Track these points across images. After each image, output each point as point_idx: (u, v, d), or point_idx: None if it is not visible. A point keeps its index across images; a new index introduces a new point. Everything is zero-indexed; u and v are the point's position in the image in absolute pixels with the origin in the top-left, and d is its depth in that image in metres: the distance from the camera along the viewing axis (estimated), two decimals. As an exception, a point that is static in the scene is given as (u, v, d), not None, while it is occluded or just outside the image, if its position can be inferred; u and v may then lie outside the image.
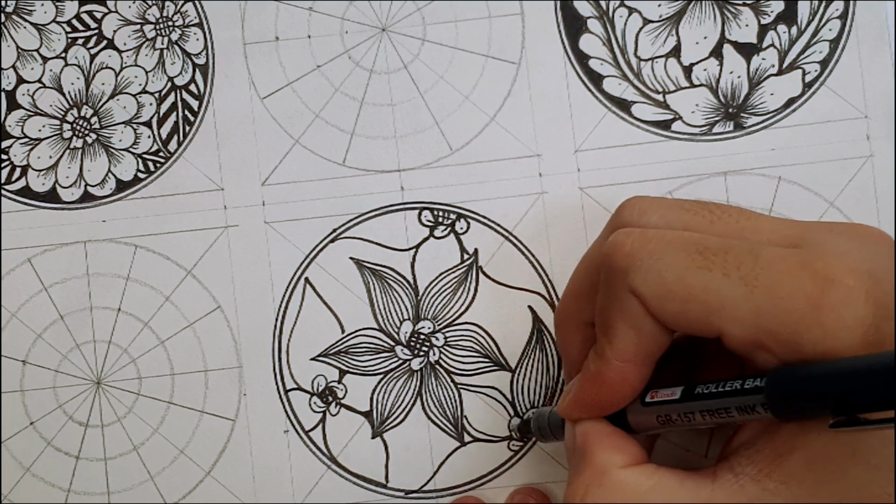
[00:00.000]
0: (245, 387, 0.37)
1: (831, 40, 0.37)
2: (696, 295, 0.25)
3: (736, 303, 0.24)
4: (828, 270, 0.24)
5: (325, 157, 0.38)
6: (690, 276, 0.25)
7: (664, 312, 0.26)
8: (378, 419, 0.37)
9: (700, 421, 0.27)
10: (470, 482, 0.37)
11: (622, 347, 0.27)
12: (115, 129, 0.38)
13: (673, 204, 0.29)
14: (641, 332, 0.26)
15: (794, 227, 0.27)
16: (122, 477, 0.37)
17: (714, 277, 0.25)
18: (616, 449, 0.28)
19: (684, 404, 0.27)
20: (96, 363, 0.37)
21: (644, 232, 0.26)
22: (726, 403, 0.26)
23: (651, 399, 0.28)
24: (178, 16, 0.38)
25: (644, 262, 0.26)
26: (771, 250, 0.25)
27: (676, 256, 0.25)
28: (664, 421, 0.28)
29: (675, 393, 0.27)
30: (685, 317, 0.25)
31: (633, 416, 0.29)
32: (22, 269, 0.38)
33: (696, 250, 0.25)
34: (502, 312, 0.37)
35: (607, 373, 0.28)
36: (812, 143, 0.37)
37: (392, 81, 0.38)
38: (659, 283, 0.25)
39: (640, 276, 0.26)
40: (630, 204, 0.29)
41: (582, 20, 0.38)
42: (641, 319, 0.26)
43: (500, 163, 0.37)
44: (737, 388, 0.25)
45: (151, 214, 0.38)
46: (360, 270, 0.38)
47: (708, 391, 0.26)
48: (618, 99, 0.38)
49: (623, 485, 0.27)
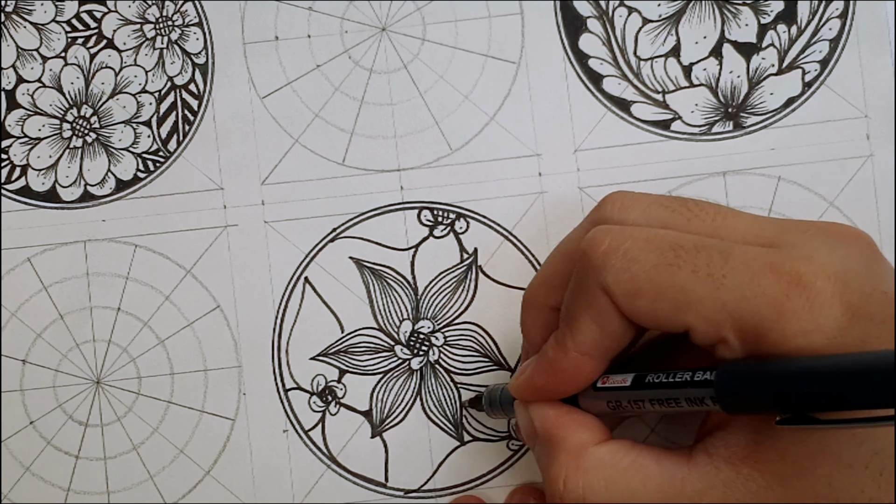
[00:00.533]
0: (245, 386, 0.37)
1: (831, 40, 0.37)
2: (665, 292, 0.25)
3: (702, 299, 0.25)
4: (796, 272, 0.24)
5: (324, 157, 0.38)
6: (660, 273, 0.25)
7: (634, 310, 0.26)
8: (378, 418, 0.37)
9: (650, 409, 0.27)
10: (469, 482, 0.37)
11: (583, 340, 0.27)
12: (114, 128, 0.38)
13: (654, 201, 0.29)
14: (605, 329, 0.27)
15: (770, 226, 0.27)
16: (121, 476, 0.37)
17: (682, 274, 0.25)
18: (583, 427, 0.28)
19: (634, 392, 0.27)
20: (96, 363, 0.37)
21: (622, 230, 0.27)
22: (675, 394, 0.26)
23: (602, 384, 0.28)
24: (178, 15, 0.38)
25: (618, 260, 0.26)
26: (742, 250, 0.25)
27: (649, 255, 0.26)
28: (615, 406, 0.28)
29: (627, 380, 0.27)
30: (654, 314, 0.26)
31: (584, 399, 0.29)
32: (22, 268, 0.38)
33: (670, 248, 0.26)
34: (502, 312, 0.37)
35: (564, 362, 0.28)
36: (812, 143, 0.37)
37: (392, 81, 0.38)
38: (630, 281, 0.26)
39: (612, 274, 0.26)
40: (612, 199, 0.29)
41: (582, 20, 0.38)
42: (608, 316, 0.27)
43: (500, 162, 0.37)
44: (686, 380, 0.26)
45: (151, 214, 0.38)
46: (360, 270, 0.38)
47: (658, 381, 0.26)
48: (617, 99, 0.38)
49: (601, 463, 0.27)
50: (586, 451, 0.28)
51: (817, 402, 0.22)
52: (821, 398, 0.22)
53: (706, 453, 0.26)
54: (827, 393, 0.22)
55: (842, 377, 0.21)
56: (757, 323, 0.24)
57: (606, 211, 0.29)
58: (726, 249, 0.25)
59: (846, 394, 0.21)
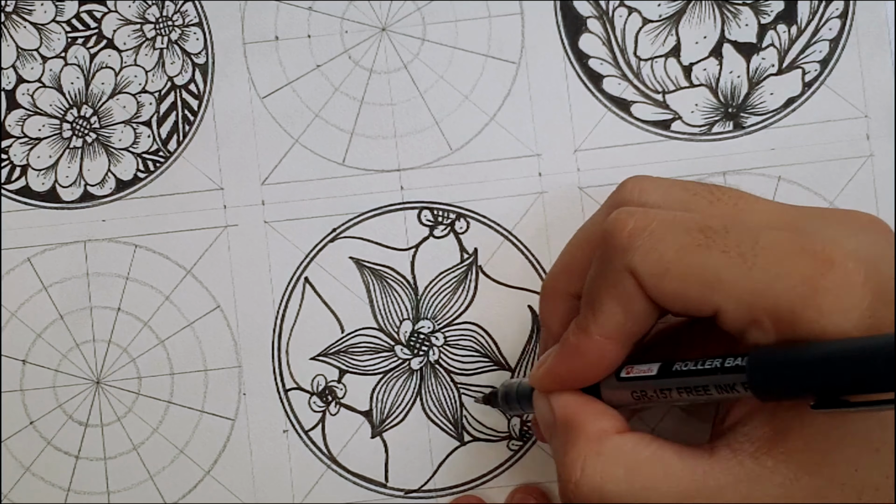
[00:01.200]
0: (245, 386, 0.37)
1: (831, 40, 0.37)
2: (695, 272, 0.25)
3: (734, 280, 0.24)
4: (828, 253, 0.24)
5: (324, 157, 0.38)
6: (690, 254, 0.25)
7: (662, 291, 0.26)
8: (378, 419, 0.37)
9: (677, 398, 0.27)
10: (470, 482, 0.37)
11: (606, 324, 0.27)
12: (114, 128, 0.38)
13: (674, 184, 0.29)
14: (629, 312, 0.26)
15: (792, 211, 0.27)
16: (121, 476, 0.37)
17: (713, 255, 0.25)
18: (604, 416, 0.28)
19: (661, 381, 0.27)
20: (96, 363, 0.37)
21: (646, 212, 0.26)
22: (705, 381, 0.25)
23: (626, 374, 0.28)
24: (178, 15, 0.38)
25: (645, 241, 0.26)
26: (771, 232, 0.25)
27: (677, 236, 0.25)
28: (640, 397, 0.27)
29: (652, 369, 0.27)
30: (684, 295, 0.25)
31: (607, 390, 0.28)
32: (22, 268, 0.38)
33: (697, 229, 0.25)
34: (502, 312, 0.37)
35: (587, 347, 0.27)
36: (812, 143, 0.37)
37: (392, 81, 0.38)
38: (658, 262, 0.25)
39: (639, 255, 0.26)
40: (631, 183, 0.29)
41: (582, 20, 0.38)
42: (633, 298, 0.26)
43: (500, 162, 0.37)
44: (717, 367, 0.25)
45: (151, 214, 0.38)
46: (360, 270, 0.38)
47: (686, 368, 0.26)
48: (617, 99, 0.38)
49: (622, 451, 0.26)
50: (608, 437, 0.27)
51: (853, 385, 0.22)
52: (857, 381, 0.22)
53: (729, 448, 0.25)
54: (863, 375, 0.21)
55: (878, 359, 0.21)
56: (791, 301, 0.24)
57: (626, 195, 0.29)
58: (755, 231, 0.25)
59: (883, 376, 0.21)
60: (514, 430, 0.37)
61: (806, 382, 0.23)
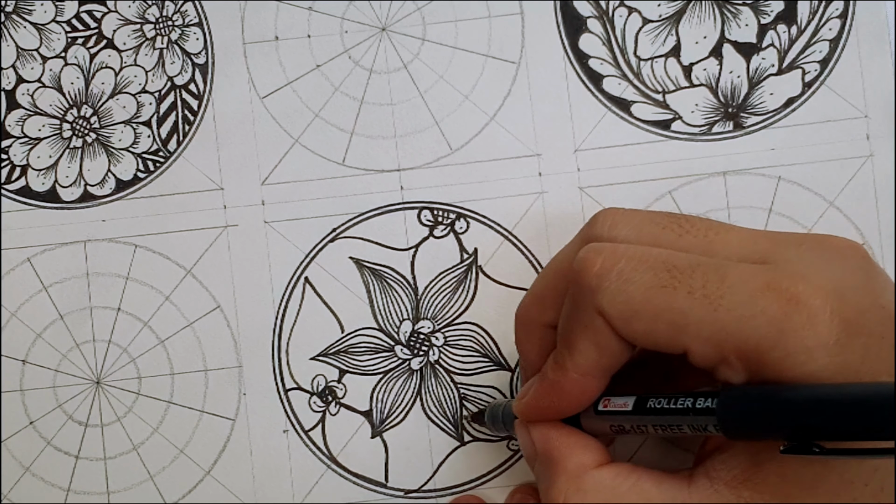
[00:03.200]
0: (245, 386, 0.37)
1: (831, 40, 0.37)
2: (662, 315, 0.25)
3: (700, 321, 0.24)
4: (793, 291, 0.24)
5: (324, 157, 0.38)
6: (656, 295, 0.25)
7: (631, 331, 0.26)
8: (378, 419, 0.37)
9: (653, 433, 0.27)
10: (470, 482, 0.37)
11: (582, 362, 0.27)
12: (114, 128, 0.38)
13: (644, 217, 0.28)
14: (603, 350, 0.27)
15: (763, 240, 0.27)
16: (121, 476, 0.37)
17: (678, 296, 0.25)
18: (584, 449, 0.28)
19: (636, 416, 0.27)
20: (96, 363, 0.37)
21: (615, 249, 0.26)
22: (678, 421, 0.26)
23: (604, 408, 0.28)
24: (178, 15, 0.38)
25: (613, 282, 0.26)
26: (738, 269, 0.25)
27: (644, 276, 0.25)
28: (618, 430, 0.28)
29: (628, 404, 0.27)
30: (652, 335, 0.25)
31: (587, 420, 0.29)
32: (22, 268, 0.38)
33: (664, 268, 0.25)
34: (502, 312, 0.37)
35: (565, 383, 0.28)
36: (812, 143, 0.37)
37: (392, 81, 0.38)
38: (626, 304, 0.25)
39: (607, 296, 0.26)
40: (602, 216, 0.29)
41: (582, 20, 0.38)
42: (605, 338, 0.26)
43: (500, 162, 0.37)
44: (688, 407, 0.25)
45: (151, 214, 0.38)
46: (360, 270, 0.38)
47: (660, 406, 0.26)
48: (617, 98, 0.38)
49: (602, 485, 0.27)
50: (587, 473, 0.27)
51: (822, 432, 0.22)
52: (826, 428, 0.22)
53: (707, 476, 0.26)
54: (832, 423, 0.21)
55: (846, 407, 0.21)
56: (757, 342, 0.24)
57: (597, 228, 0.29)
58: (722, 268, 0.25)
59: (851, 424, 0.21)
60: (514, 430, 0.37)
61: (776, 426, 0.23)
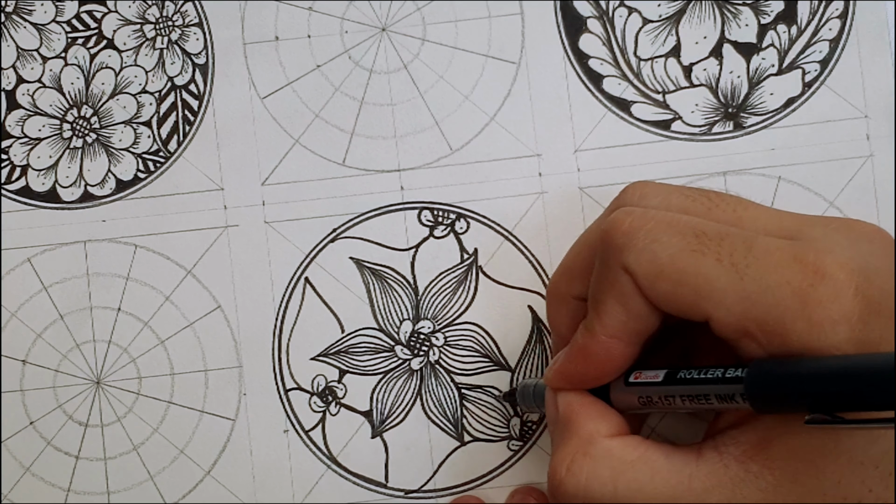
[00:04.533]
0: (245, 386, 0.37)
1: (831, 40, 0.37)
2: (687, 278, 0.25)
3: (725, 289, 0.25)
4: (819, 264, 0.24)
5: (324, 157, 0.38)
6: (683, 258, 0.25)
7: (655, 293, 0.26)
8: (378, 419, 0.37)
9: (680, 405, 0.27)
10: (470, 482, 0.37)
11: (610, 323, 0.27)
12: (114, 128, 0.38)
13: (674, 189, 0.29)
14: (630, 311, 0.27)
15: (791, 219, 0.27)
16: (122, 477, 0.37)
17: (706, 262, 0.25)
18: (601, 418, 0.28)
19: (666, 387, 0.27)
20: (96, 363, 0.37)
21: (644, 212, 0.27)
22: (706, 391, 0.26)
23: (634, 380, 0.28)
24: (178, 15, 0.38)
25: (640, 241, 0.26)
26: (765, 240, 0.25)
27: (672, 238, 0.26)
28: (645, 402, 0.28)
29: (659, 376, 0.28)
30: (675, 299, 0.26)
31: (616, 394, 0.29)
32: (22, 268, 0.38)
33: (693, 234, 0.26)
34: (502, 312, 0.37)
35: (593, 347, 0.28)
36: (812, 143, 0.37)
37: (392, 81, 0.38)
38: (652, 262, 0.26)
39: (634, 254, 0.26)
40: (632, 188, 0.29)
41: (582, 20, 0.38)
42: (632, 297, 0.26)
43: (500, 163, 0.37)
44: (717, 377, 0.25)
45: (151, 214, 0.38)
46: (360, 270, 0.38)
47: (690, 377, 0.26)
48: (618, 99, 0.38)
49: (609, 454, 0.27)
50: (598, 440, 0.27)
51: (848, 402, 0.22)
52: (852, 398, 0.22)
53: (716, 450, 0.26)
54: (858, 393, 0.22)
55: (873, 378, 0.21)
56: (781, 313, 0.24)
57: (627, 198, 0.29)
58: (749, 239, 0.25)
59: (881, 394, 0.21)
60: (514, 430, 0.37)
61: (802, 397, 0.23)
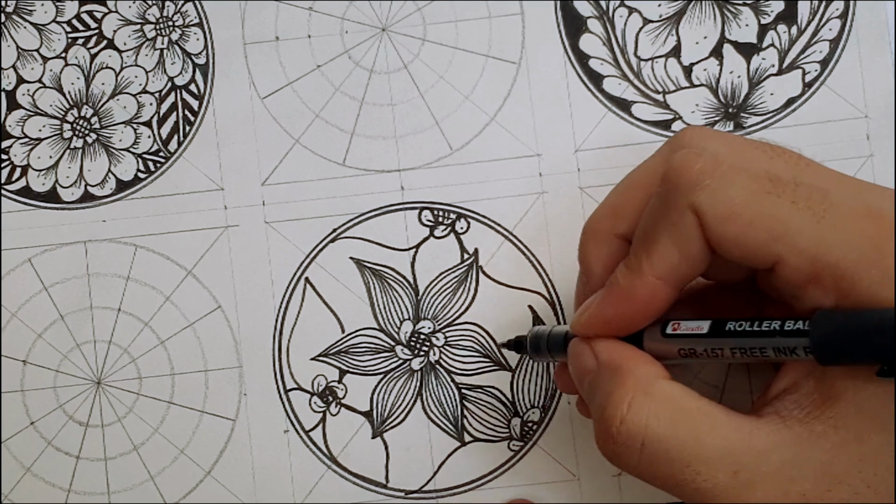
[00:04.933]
0: (245, 387, 0.37)
1: (831, 40, 0.37)
2: (761, 220, 0.25)
3: (800, 232, 0.24)
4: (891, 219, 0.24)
5: (325, 157, 0.38)
6: (759, 200, 0.25)
7: (723, 235, 0.25)
8: (378, 419, 0.37)
9: (728, 357, 0.26)
10: (470, 482, 0.37)
11: (660, 264, 0.26)
12: (115, 129, 0.38)
13: (734, 136, 0.28)
14: (684, 252, 0.26)
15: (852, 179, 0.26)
16: (122, 477, 0.37)
17: (782, 204, 0.24)
18: (652, 363, 0.27)
19: (713, 339, 0.26)
20: (96, 363, 0.37)
21: (715, 154, 0.26)
22: (762, 343, 0.25)
23: (673, 331, 0.27)
24: (178, 16, 0.38)
25: (714, 181, 0.25)
26: (840, 190, 0.25)
27: (747, 181, 0.25)
28: (687, 353, 0.27)
29: (703, 327, 0.26)
30: (744, 241, 0.25)
31: (651, 343, 0.28)
32: (22, 269, 0.38)
33: (767, 177, 0.25)
34: (502, 312, 0.37)
35: (638, 288, 0.27)
36: (812, 143, 0.37)
37: (392, 81, 0.38)
38: (726, 203, 0.25)
39: (706, 194, 0.25)
40: (689, 132, 0.28)
41: (582, 20, 0.38)
42: (691, 239, 0.26)
43: (500, 163, 0.37)
44: (775, 329, 0.25)
45: (151, 214, 0.38)
46: (361, 270, 0.38)
47: (742, 329, 0.25)
48: (618, 99, 0.38)
49: (671, 396, 0.26)
50: (657, 380, 0.26)
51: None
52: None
53: (777, 414, 0.25)
54: None
55: None
56: (856, 260, 0.23)
57: (686, 142, 0.28)
58: (825, 187, 0.25)
59: None
60: (514, 430, 0.37)
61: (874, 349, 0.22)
